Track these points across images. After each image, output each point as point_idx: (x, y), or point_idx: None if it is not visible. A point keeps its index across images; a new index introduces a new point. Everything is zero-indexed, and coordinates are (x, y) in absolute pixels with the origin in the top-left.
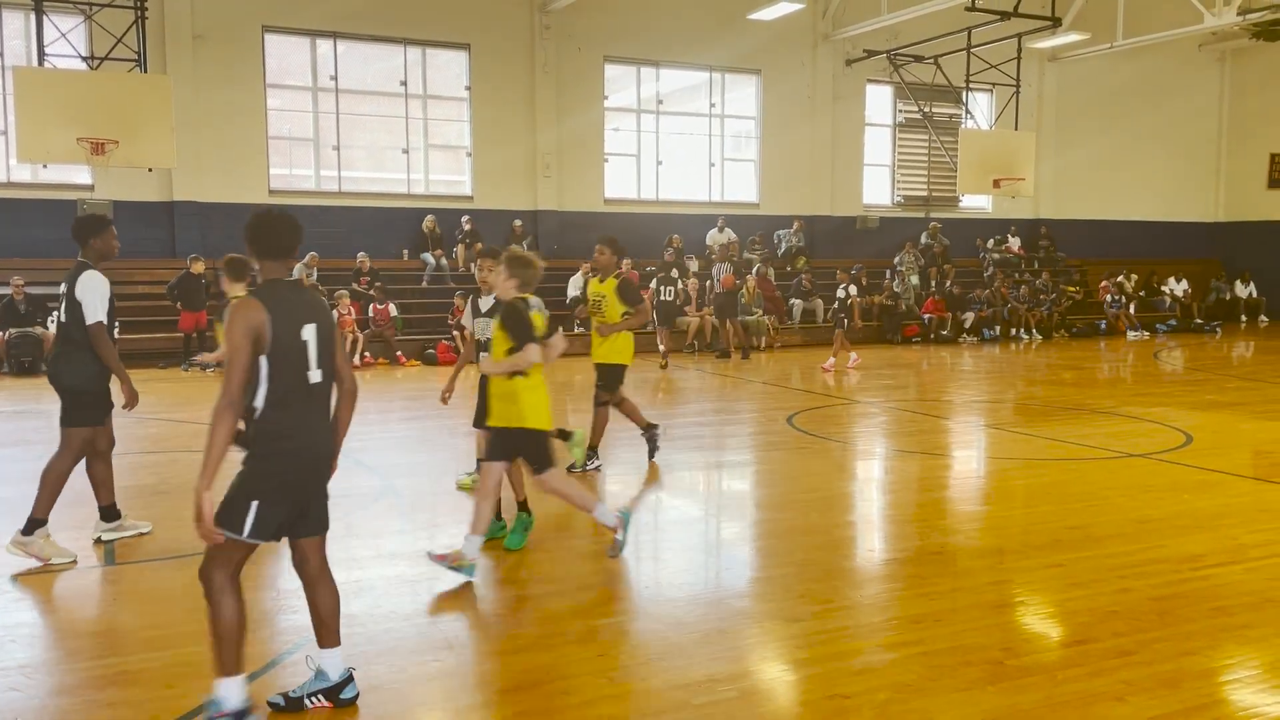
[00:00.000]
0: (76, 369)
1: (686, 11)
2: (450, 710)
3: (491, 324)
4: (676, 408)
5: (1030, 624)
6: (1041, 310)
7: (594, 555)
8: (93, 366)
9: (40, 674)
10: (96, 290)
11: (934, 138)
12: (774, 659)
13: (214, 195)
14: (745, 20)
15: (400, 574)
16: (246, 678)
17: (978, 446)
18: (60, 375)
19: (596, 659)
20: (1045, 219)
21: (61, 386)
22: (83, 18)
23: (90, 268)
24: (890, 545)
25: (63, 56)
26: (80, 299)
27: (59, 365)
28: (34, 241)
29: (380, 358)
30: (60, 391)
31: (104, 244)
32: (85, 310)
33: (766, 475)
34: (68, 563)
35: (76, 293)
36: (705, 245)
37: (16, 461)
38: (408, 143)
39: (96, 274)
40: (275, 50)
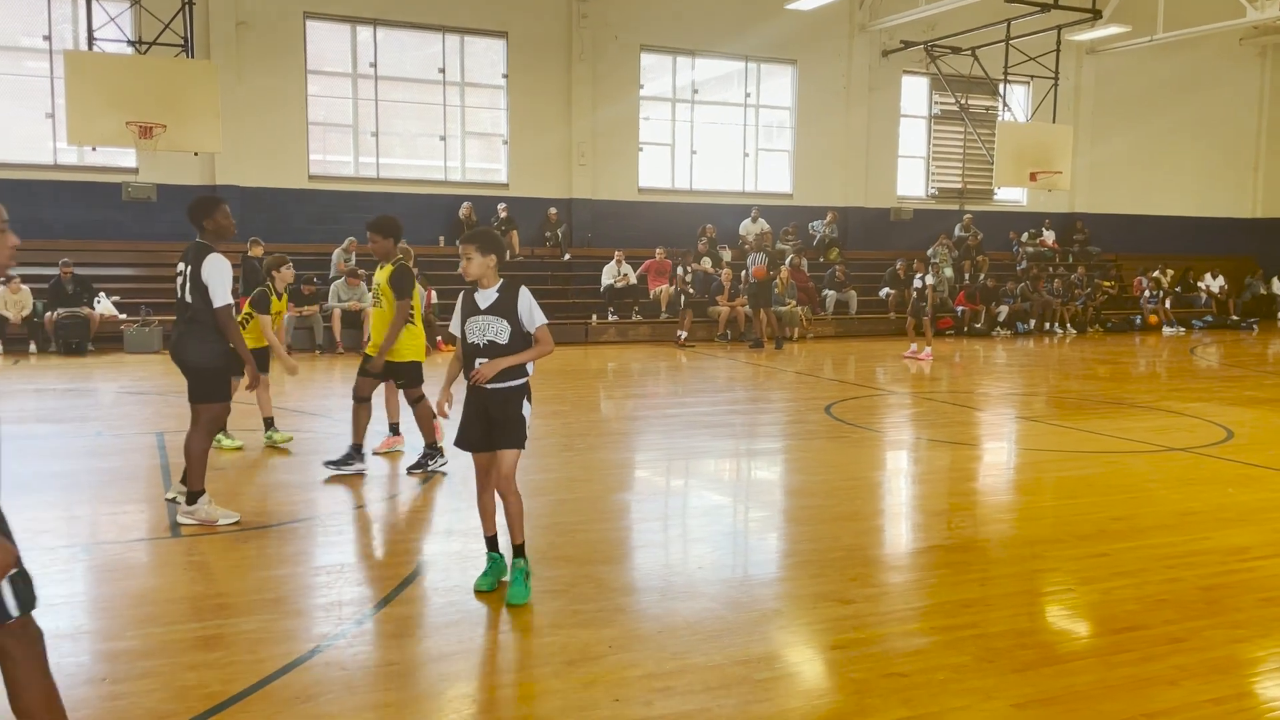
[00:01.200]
0: (201, 347)
1: (723, 1)
2: (517, 679)
3: (494, 323)
4: (712, 396)
5: (1081, 610)
6: (1076, 304)
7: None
8: (217, 345)
9: (123, 639)
10: (222, 273)
11: (970, 130)
12: (829, 638)
13: (255, 180)
14: (782, 10)
15: (459, 549)
16: None
17: (1017, 439)
18: (185, 353)
19: (656, 634)
20: (1081, 213)
21: (187, 365)
22: (130, 3)
23: (212, 250)
24: (936, 532)
25: (111, 41)
26: (207, 281)
27: (184, 344)
28: (80, 223)
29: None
30: (186, 370)
31: (217, 223)
32: (212, 293)
33: (810, 463)
34: (233, 522)
35: (203, 275)
36: (739, 235)
37: (69, 438)
38: (445, 130)
39: (220, 256)
40: (316, 37)
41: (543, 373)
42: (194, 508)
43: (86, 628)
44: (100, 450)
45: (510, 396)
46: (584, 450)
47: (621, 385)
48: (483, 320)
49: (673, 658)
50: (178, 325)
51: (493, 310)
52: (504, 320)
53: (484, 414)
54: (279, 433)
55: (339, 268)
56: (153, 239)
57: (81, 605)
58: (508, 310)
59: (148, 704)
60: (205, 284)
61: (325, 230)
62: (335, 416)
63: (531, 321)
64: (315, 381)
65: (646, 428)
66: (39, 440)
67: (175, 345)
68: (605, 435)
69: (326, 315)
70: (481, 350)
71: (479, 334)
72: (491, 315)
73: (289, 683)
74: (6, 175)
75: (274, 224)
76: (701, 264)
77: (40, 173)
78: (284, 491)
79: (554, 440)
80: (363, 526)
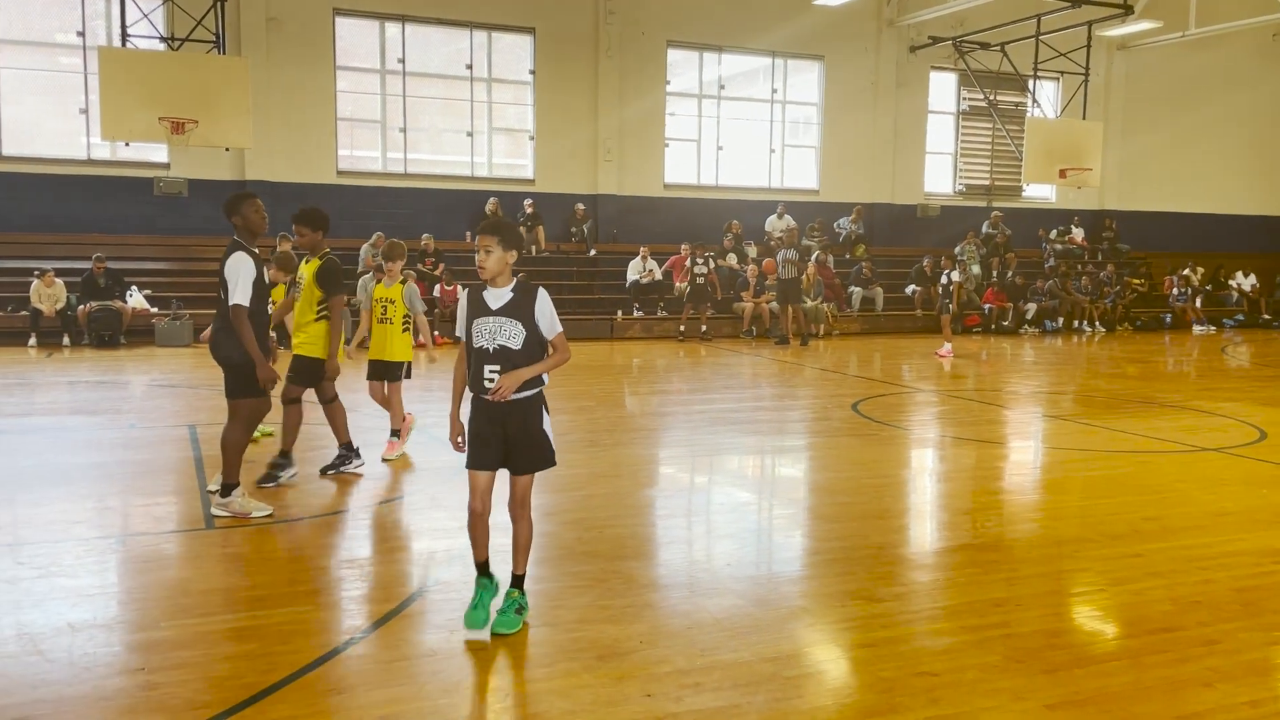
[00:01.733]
0: (234, 343)
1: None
2: (550, 673)
3: (507, 325)
4: (738, 392)
5: (1112, 611)
6: (1105, 302)
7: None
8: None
9: (158, 630)
10: (242, 272)
11: (998, 126)
12: (858, 636)
13: (284, 175)
14: (809, 5)
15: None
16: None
17: (1046, 437)
18: (219, 349)
19: (686, 630)
20: (1110, 210)
21: (221, 360)
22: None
23: (240, 248)
24: (964, 531)
25: (144, 37)
26: (227, 278)
27: (218, 340)
28: (112, 218)
29: (447, 337)
30: (221, 365)
31: (246, 219)
32: (229, 291)
33: (836, 460)
34: (266, 515)
35: (225, 273)
36: (764, 231)
37: (102, 430)
38: (472, 126)
39: (244, 256)
40: (345, 33)
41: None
42: (228, 500)
43: (121, 618)
44: (133, 442)
45: (529, 410)
46: (610, 446)
47: (646, 381)
48: (493, 322)
49: (702, 654)
50: (215, 321)
51: (505, 312)
52: (518, 323)
53: (500, 430)
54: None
55: (367, 263)
56: (184, 233)
57: (116, 596)
58: (523, 313)
59: (184, 694)
60: (226, 280)
61: (353, 225)
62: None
63: (551, 328)
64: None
65: (672, 424)
66: (72, 432)
67: (211, 341)
68: (631, 431)
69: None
70: (491, 356)
71: (489, 338)
72: (504, 317)
73: (324, 674)
74: (41, 170)
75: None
76: (727, 260)
77: (73, 168)
78: (316, 484)
79: (580, 436)
80: (394, 520)
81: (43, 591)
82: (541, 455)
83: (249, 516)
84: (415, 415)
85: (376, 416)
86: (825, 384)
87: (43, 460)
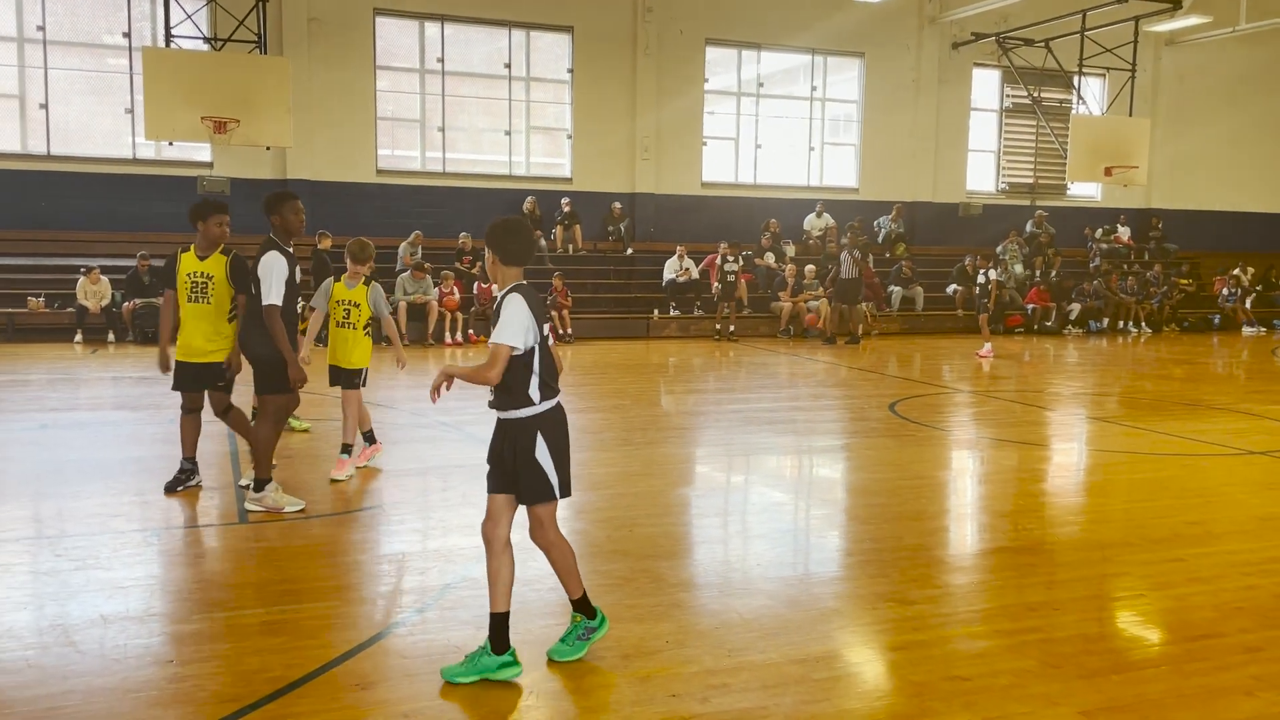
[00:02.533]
0: (263, 339)
1: None
2: (576, 670)
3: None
4: (774, 392)
5: (1152, 617)
6: (1151, 303)
7: (708, 535)
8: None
9: (190, 622)
10: (275, 271)
11: (1043, 123)
12: (890, 639)
13: (325, 174)
14: (850, 2)
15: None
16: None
17: (1088, 439)
18: (249, 345)
19: (714, 631)
20: (1157, 209)
21: (250, 356)
22: (207, 1)
23: (274, 247)
24: (1002, 533)
25: (188, 38)
26: (259, 277)
27: (248, 336)
28: (156, 216)
29: (483, 335)
30: (250, 361)
31: (284, 219)
32: (261, 289)
33: (873, 461)
34: (298, 510)
35: (259, 271)
36: (803, 230)
37: (147, 424)
38: (510, 125)
39: (278, 255)
40: (385, 33)
41: (604, 366)
42: (261, 495)
43: (156, 610)
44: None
45: (520, 433)
46: (644, 445)
47: (682, 380)
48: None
49: (729, 655)
50: (245, 317)
51: (493, 317)
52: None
53: (501, 451)
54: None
55: (405, 261)
56: None
57: (151, 588)
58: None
59: (212, 687)
60: (259, 279)
61: (392, 224)
62: (400, 407)
63: (495, 335)
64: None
65: (707, 423)
66: (115, 426)
67: (241, 336)
68: (665, 430)
69: (393, 308)
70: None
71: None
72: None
73: (350, 669)
74: (87, 169)
75: (342, 218)
76: (764, 259)
77: (119, 166)
78: (349, 481)
79: (614, 434)
80: (425, 516)
81: (79, 583)
82: (535, 487)
83: (282, 511)
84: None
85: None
86: (863, 384)
87: (85, 454)
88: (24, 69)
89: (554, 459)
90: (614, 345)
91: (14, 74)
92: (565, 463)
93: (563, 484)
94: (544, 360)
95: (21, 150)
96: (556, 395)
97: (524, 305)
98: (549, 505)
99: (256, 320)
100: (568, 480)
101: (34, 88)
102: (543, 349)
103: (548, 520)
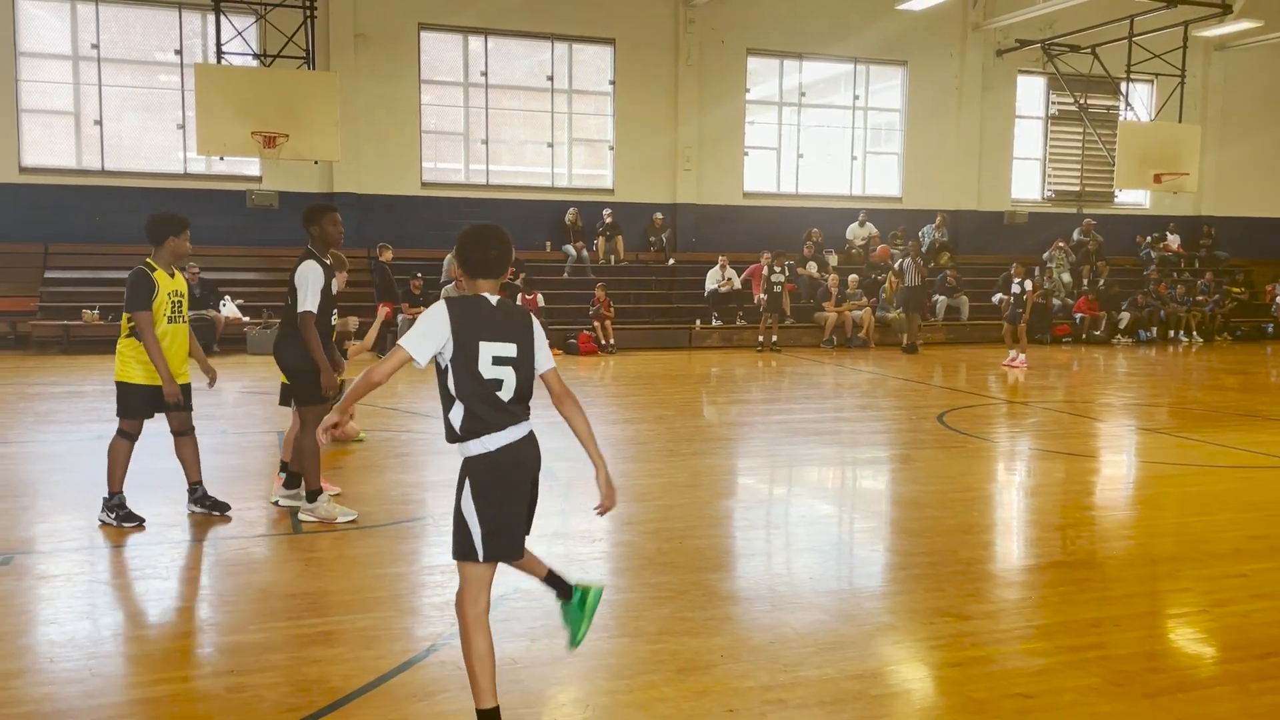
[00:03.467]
0: (296, 350)
1: (832, 3)
2: (631, 684)
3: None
4: (819, 403)
5: (1217, 633)
6: (1203, 311)
7: (756, 548)
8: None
9: (247, 633)
10: (310, 280)
11: (1089, 130)
12: (947, 654)
13: (370, 187)
14: (893, 10)
15: (567, 552)
16: None
17: (1142, 451)
18: (282, 355)
19: (768, 645)
20: (1208, 216)
21: (284, 366)
22: (256, 18)
23: (312, 257)
24: (1058, 547)
25: (238, 54)
26: (296, 285)
27: (282, 346)
28: (207, 230)
29: None
30: (284, 371)
31: (324, 230)
32: (298, 298)
33: (922, 473)
34: (350, 520)
35: (295, 280)
36: (845, 239)
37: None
38: (552, 137)
39: (314, 264)
40: (430, 47)
41: (648, 377)
42: (314, 505)
43: (212, 620)
44: (225, 448)
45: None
46: (689, 455)
47: (726, 391)
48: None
49: (785, 669)
50: (280, 328)
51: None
52: None
53: None
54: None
55: (450, 272)
56: (274, 244)
57: (207, 599)
58: None
59: (273, 697)
60: (295, 287)
61: (437, 235)
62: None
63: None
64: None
65: (751, 434)
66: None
67: (275, 347)
68: (710, 440)
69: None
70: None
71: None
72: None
73: (406, 680)
74: (140, 184)
75: (388, 229)
76: (807, 268)
77: (171, 181)
78: (398, 491)
79: (659, 445)
80: None
81: (139, 593)
82: (456, 538)
83: (335, 522)
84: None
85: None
86: (909, 395)
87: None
88: (79, 86)
89: (480, 512)
90: (656, 356)
91: (69, 91)
92: (507, 519)
93: (495, 544)
94: (473, 387)
95: (77, 166)
96: (502, 431)
97: (441, 314)
98: (471, 566)
99: (291, 331)
100: (510, 542)
101: (89, 105)
102: (468, 373)
103: (466, 585)
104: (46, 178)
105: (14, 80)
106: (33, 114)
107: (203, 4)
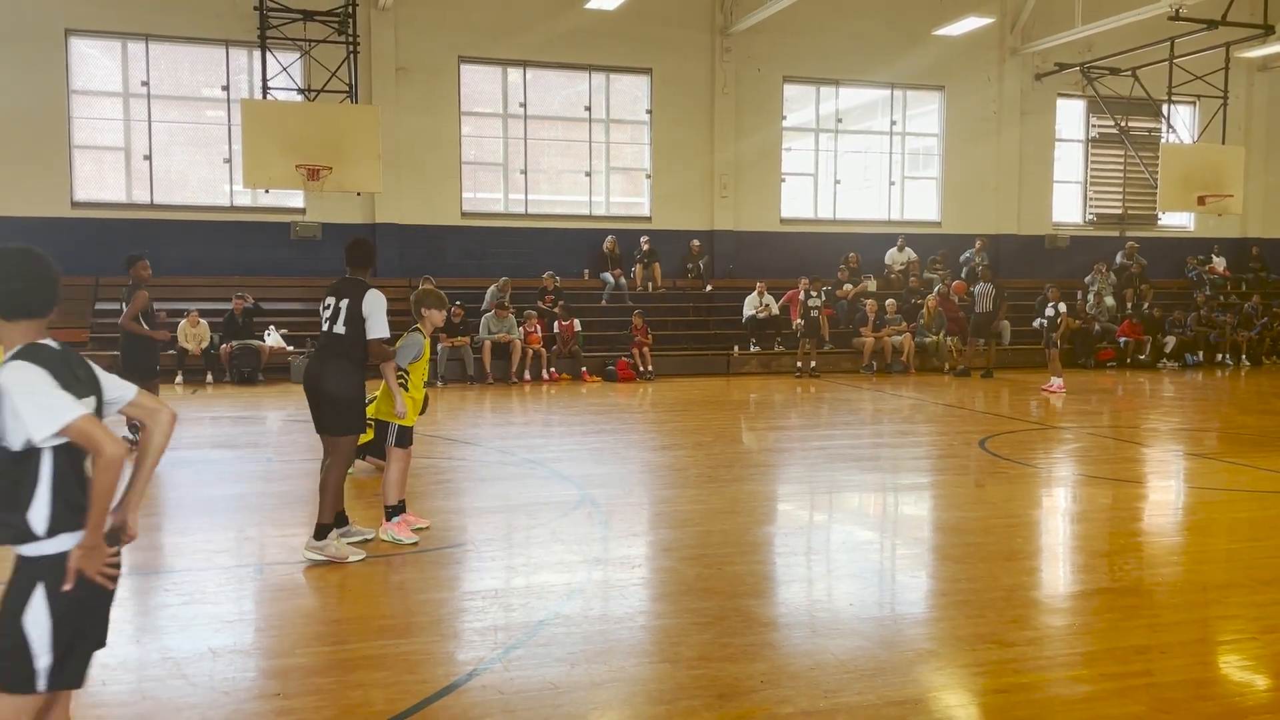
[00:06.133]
0: (343, 379)
1: (869, 29)
2: (671, 710)
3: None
4: (858, 429)
5: (1265, 662)
6: (1251, 334)
7: (796, 574)
8: (355, 377)
9: (293, 657)
10: (381, 308)
11: (1131, 153)
12: (990, 681)
13: (412, 218)
14: (930, 36)
15: (607, 578)
16: None
17: (1189, 476)
18: (326, 385)
19: (808, 671)
20: (1255, 238)
21: (328, 396)
22: (301, 54)
23: (372, 286)
24: (1101, 574)
25: (283, 89)
26: (367, 314)
27: (326, 375)
28: (252, 260)
29: (565, 373)
30: (326, 401)
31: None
32: (370, 325)
33: (964, 499)
34: (360, 559)
35: (364, 309)
36: (884, 264)
37: (246, 462)
38: (590, 166)
39: (378, 292)
40: (469, 79)
41: (686, 403)
42: (323, 544)
43: (259, 645)
44: (271, 475)
45: (12, 578)
46: (729, 482)
47: (764, 417)
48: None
49: (825, 695)
50: (320, 356)
51: None
52: None
53: None
54: None
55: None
56: (318, 275)
57: (254, 623)
58: None
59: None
60: (365, 316)
61: (477, 265)
62: (486, 444)
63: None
64: (466, 411)
65: (791, 460)
66: (215, 465)
67: (316, 376)
68: (749, 467)
69: (477, 347)
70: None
71: None
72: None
73: (449, 704)
74: (188, 217)
75: (429, 260)
76: (844, 290)
77: (218, 214)
78: (439, 517)
79: (698, 471)
80: (515, 553)
81: (188, 617)
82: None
83: (346, 561)
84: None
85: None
86: (950, 420)
87: (188, 492)
88: (129, 123)
89: (55, 629)
90: (694, 382)
91: (120, 128)
92: (84, 641)
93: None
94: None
95: (127, 200)
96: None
97: (39, 375)
98: (14, 698)
99: (338, 360)
100: (81, 669)
101: (138, 140)
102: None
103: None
104: (97, 212)
105: (66, 118)
106: (84, 150)
107: (249, 41)
